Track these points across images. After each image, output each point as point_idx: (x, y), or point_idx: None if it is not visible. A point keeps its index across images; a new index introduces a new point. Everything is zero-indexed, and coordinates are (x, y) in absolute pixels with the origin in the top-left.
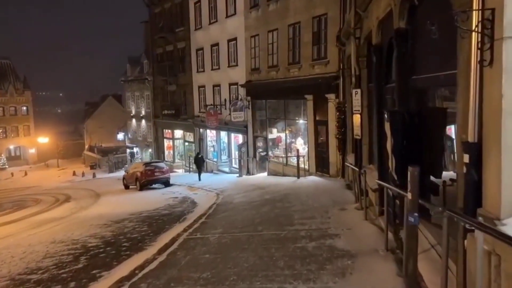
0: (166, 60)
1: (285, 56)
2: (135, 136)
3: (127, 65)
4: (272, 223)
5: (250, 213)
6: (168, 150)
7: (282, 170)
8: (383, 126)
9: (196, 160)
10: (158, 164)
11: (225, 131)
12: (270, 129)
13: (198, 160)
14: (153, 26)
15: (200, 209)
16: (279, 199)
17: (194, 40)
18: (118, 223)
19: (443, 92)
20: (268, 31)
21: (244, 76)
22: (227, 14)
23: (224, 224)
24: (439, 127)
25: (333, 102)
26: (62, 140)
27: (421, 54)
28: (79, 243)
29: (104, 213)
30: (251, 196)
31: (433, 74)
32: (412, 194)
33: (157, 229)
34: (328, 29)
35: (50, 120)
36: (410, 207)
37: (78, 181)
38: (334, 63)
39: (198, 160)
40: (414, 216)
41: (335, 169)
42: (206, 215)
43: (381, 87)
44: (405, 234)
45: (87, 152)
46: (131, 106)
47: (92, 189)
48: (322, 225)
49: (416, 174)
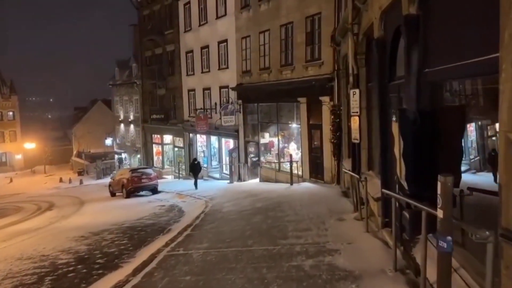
0: (155, 63)
1: (277, 58)
2: (124, 141)
3: (116, 69)
4: (263, 236)
5: (240, 224)
6: (157, 156)
7: (274, 176)
8: (388, 128)
9: (192, 167)
10: (145, 171)
11: (216, 136)
12: (262, 134)
13: (195, 166)
14: (142, 29)
15: (187, 219)
16: (271, 208)
17: (184, 42)
18: (97, 235)
19: (462, 86)
20: (259, 32)
21: (235, 79)
22: (217, 15)
23: (210, 237)
24: (457, 127)
25: (328, 105)
26: (49, 145)
27: (436, 43)
28: (48, 260)
29: (84, 224)
30: (242, 205)
31: (453, 64)
32: (445, 212)
33: (138, 242)
34: (322, 29)
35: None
36: (442, 229)
37: (64, 188)
38: (328, 64)
39: (194, 166)
40: (446, 241)
41: (330, 175)
42: (192, 226)
43: (384, 85)
44: (436, 266)
45: (75, 158)
46: (120, 110)
47: (77, 196)
48: (319, 238)
49: (450, 185)
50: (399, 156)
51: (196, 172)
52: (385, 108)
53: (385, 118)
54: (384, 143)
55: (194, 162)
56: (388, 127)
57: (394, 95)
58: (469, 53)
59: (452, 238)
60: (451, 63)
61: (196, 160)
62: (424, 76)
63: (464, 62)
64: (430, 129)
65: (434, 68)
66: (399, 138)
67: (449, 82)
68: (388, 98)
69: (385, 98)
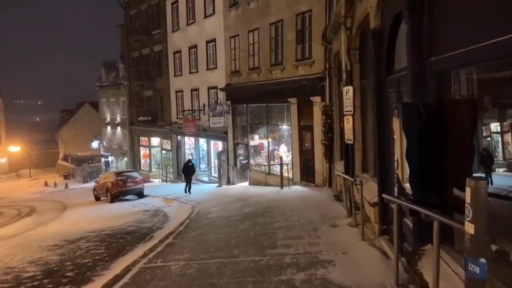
0: (142, 64)
1: (267, 57)
2: (110, 144)
3: (102, 70)
4: (251, 245)
5: (226, 231)
6: (144, 159)
7: (264, 179)
8: (385, 126)
9: (185, 169)
10: (130, 174)
11: (204, 138)
12: (252, 136)
13: (188, 168)
14: (129, 29)
15: (171, 225)
16: (260, 213)
17: (171, 42)
18: (73, 243)
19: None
20: (248, 31)
21: (224, 79)
22: (206, 14)
23: (193, 246)
24: (468, 123)
25: (319, 106)
26: (35, 149)
27: (443, 26)
28: (13, 273)
29: (62, 231)
30: (229, 210)
31: (463, 49)
32: (478, 227)
33: (115, 252)
34: (313, 27)
35: (25, 128)
36: (474, 249)
37: (49, 192)
38: (319, 63)
39: (187, 168)
40: (480, 264)
41: (322, 178)
42: (175, 234)
43: (381, 79)
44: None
45: (61, 161)
46: (106, 112)
47: (61, 201)
48: (311, 247)
49: (484, 192)
50: (400, 157)
51: (189, 175)
52: (383, 105)
53: (382, 115)
54: (381, 143)
55: (188, 163)
56: (386, 125)
57: (393, 90)
58: (482, 35)
59: (486, 261)
60: (461, 48)
61: (190, 162)
62: (430, 65)
63: (478, 45)
64: (437, 126)
65: (441, 55)
66: (401, 137)
67: (458, 71)
68: (386, 94)
69: (382, 93)
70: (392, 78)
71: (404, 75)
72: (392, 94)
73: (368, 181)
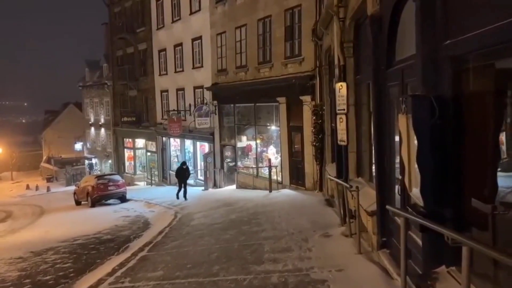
0: (127, 63)
1: (255, 55)
2: (94, 146)
3: (86, 70)
4: (233, 260)
5: (208, 241)
6: (129, 161)
7: (252, 182)
8: (385, 126)
9: (180, 172)
10: (112, 177)
11: (190, 140)
12: (239, 137)
13: (182, 172)
14: (113, 27)
15: (150, 233)
16: (246, 220)
17: (156, 40)
18: (39, 255)
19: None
20: (236, 28)
21: (210, 78)
22: (191, 10)
23: (169, 260)
24: (491, 120)
25: (309, 105)
26: (17, 151)
27: (461, 2)
28: None
29: (31, 239)
30: (213, 216)
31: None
32: None
33: (84, 266)
34: (303, 23)
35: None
36: None
37: (30, 195)
38: (309, 60)
39: (182, 172)
40: None
41: (312, 181)
42: (152, 245)
43: (380, 72)
44: None
45: (44, 164)
46: (90, 113)
47: (40, 205)
48: (302, 262)
49: None
50: (408, 161)
51: (184, 179)
52: (382, 101)
53: (381, 113)
54: (380, 144)
55: (182, 166)
56: (386, 123)
57: (395, 84)
58: None
59: None
60: (484, 26)
61: (185, 164)
62: (444, 50)
63: (505, 21)
64: (453, 123)
65: (458, 37)
66: (408, 137)
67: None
68: (386, 89)
69: (382, 88)
70: (394, 71)
71: (411, 65)
72: (394, 88)
73: (364, 187)
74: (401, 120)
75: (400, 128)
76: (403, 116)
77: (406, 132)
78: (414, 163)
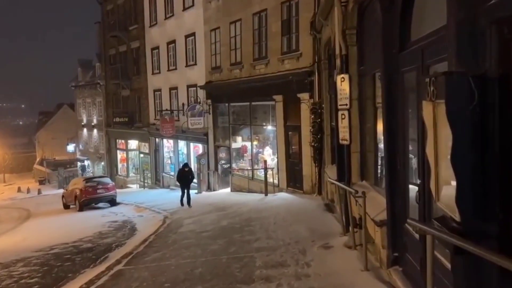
0: (119, 62)
1: (250, 51)
2: (87, 147)
3: (78, 69)
4: (219, 277)
5: (194, 253)
6: (121, 163)
7: (247, 185)
8: (397, 120)
9: (182, 176)
10: (101, 180)
11: (184, 141)
12: (234, 138)
13: (185, 175)
14: (105, 26)
15: (133, 242)
16: (238, 227)
17: (149, 38)
18: (6, 268)
19: None
20: (230, 23)
21: (204, 76)
22: (184, 6)
23: (146, 277)
24: None
25: (307, 103)
26: (10, 153)
27: None
28: None
29: (5, 248)
30: (204, 222)
31: None
32: None
33: (52, 282)
34: (300, 15)
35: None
36: None
37: (20, 198)
38: (307, 55)
39: (184, 175)
40: None
41: (310, 184)
42: (131, 256)
43: (392, 56)
44: None
45: (37, 166)
46: (83, 114)
47: (28, 209)
48: (299, 282)
49: None
50: (434, 161)
51: (187, 183)
52: (394, 91)
53: (393, 105)
54: (392, 142)
55: (184, 168)
56: (399, 117)
57: (412, 68)
58: None
59: None
60: None
61: (187, 166)
62: (486, 14)
63: None
64: (499, 111)
65: None
66: (435, 129)
67: None
68: (399, 76)
69: (394, 76)
70: (410, 52)
71: (435, 41)
72: (410, 74)
73: (369, 191)
74: (427, 108)
75: (424, 118)
76: (429, 103)
77: (432, 124)
78: (444, 164)
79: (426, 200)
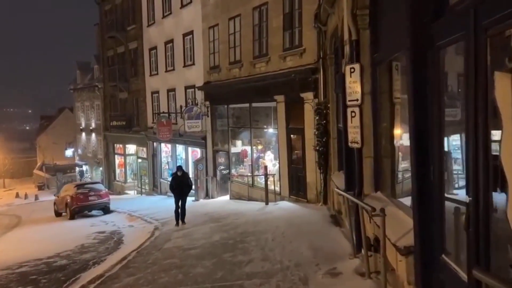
0: (117, 64)
1: (250, 48)
2: (85, 152)
3: (77, 72)
4: None
5: (173, 279)
6: (119, 168)
7: (247, 192)
8: (429, 113)
9: (177, 182)
10: (93, 186)
11: (182, 145)
12: (234, 141)
13: (181, 181)
14: (103, 26)
15: (111, 260)
16: (231, 243)
17: (147, 38)
18: None
19: None
20: (229, 19)
21: (202, 76)
22: (182, 3)
23: None
24: None
25: (311, 103)
26: (11, 157)
27: None
28: None
29: None
30: (194, 236)
31: None
32: None
33: None
34: (303, 8)
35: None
36: None
37: (17, 204)
38: (311, 51)
39: (180, 181)
40: None
41: (315, 193)
42: (100, 281)
43: (422, 28)
44: None
45: (36, 170)
46: (81, 118)
47: (20, 216)
48: None
49: None
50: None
51: (182, 193)
52: (425, 72)
53: (423, 93)
54: (422, 145)
55: (177, 173)
56: (433, 111)
57: (456, 37)
58: None
59: None
60: None
61: (180, 170)
62: None
63: None
64: None
65: None
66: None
67: None
68: (434, 53)
69: (425, 54)
70: (452, 17)
71: None
72: (447, 49)
73: (387, 206)
74: (501, 83)
75: (501, 98)
76: (509, 76)
77: (511, 106)
78: None
79: (480, 228)
